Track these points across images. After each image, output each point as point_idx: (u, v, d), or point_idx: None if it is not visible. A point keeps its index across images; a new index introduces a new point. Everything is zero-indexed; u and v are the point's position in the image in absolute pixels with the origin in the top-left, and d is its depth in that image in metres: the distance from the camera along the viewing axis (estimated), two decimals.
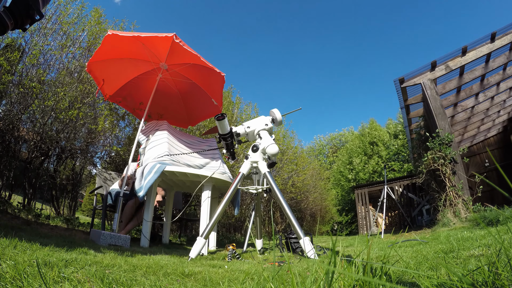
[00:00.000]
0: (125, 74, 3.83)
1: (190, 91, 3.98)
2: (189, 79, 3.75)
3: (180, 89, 4.01)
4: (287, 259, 1.07)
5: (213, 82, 3.61)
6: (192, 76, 3.75)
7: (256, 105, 8.96)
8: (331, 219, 18.05)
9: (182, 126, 4.80)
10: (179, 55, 3.36)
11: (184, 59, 3.43)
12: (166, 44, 3.15)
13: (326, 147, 28.45)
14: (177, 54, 3.33)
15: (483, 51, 5.29)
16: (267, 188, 2.76)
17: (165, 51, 3.33)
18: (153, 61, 3.54)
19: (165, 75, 3.78)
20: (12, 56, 3.90)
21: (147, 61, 3.59)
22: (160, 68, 3.61)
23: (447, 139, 4.86)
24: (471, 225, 3.70)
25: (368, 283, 0.62)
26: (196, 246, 2.18)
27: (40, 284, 0.85)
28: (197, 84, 3.79)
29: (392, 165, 17.31)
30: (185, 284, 1.14)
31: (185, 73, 3.72)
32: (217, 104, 3.76)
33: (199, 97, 3.96)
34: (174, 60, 3.49)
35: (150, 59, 3.51)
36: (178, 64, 3.55)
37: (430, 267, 1.22)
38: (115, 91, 3.92)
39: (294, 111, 2.80)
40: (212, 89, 3.73)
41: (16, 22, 1.33)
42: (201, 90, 3.83)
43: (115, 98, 4.03)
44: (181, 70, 3.64)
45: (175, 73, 3.73)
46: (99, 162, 5.92)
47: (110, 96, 3.94)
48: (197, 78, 3.76)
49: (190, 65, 3.49)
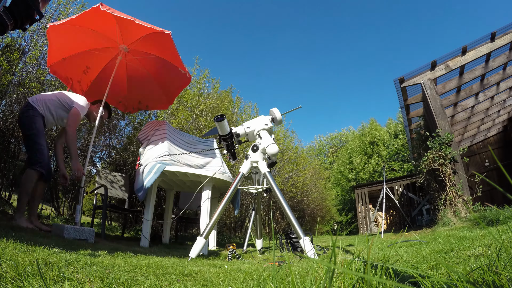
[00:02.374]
0: (91, 68, 3.67)
1: (158, 67, 3.78)
2: (150, 53, 3.55)
3: (149, 69, 3.82)
4: (287, 259, 1.07)
5: (167, 47, 3.30)
6: (152, 49, 3.52)
7: (256, 105, 8.99)
8: (331, 219, 18.06)
9: (162, 108, 4.68)
10: (129, 31, 3.21)
11: (137, 33, 3.26)
12: (106, 19, 3.01)
13: (326, 147, 28.45)
14: (126, 29, 3.19)
15: (483, 50, 5.29)
16: (267, 188, 2.76)
17: (115, 30, 3.19)
18: (111, 45, 3.41)
19: (130, 58, 3.64)
20: (12, 56, 3.90)
21: (107, 48, 3.45)
22: (121, 50, 3.46)
23: (447, 138, 4.86)
24: (471, 225, 3.70)
25: (369, 282, 0.62)
26: (196, 246, 2.18)
27: (40, 284, 0.85)
28: (160, 57, 3.57)
29: (392, 165, 17.32)
30: (185, 284, 1.14)
31: (145, 49, 3.52)
32: (185, 72, 3.48)
33: (168, 71, 3.73)
34: (130, 38, 3.34)
35: (108, 44, 3.39)
36: (135, 42, 3.38)
37: (430, 266, 1.22)
38: (88, 87, 3.77)
39: (294, 109, 2.80)
40: (171, 56, 3.45)
41: (16, 22, 1.33)
42: (166, 62, 3.58)
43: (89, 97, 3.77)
44: (140, 46, 3.46)
45: (137, 52, 3.54)
46: (99, 162, 5.92)
47: (85, 93, 3.75)
48: (155, 49, 3.52)
49: (144, 38, 3.28)
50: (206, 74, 7.27)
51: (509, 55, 5.54)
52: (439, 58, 5.49)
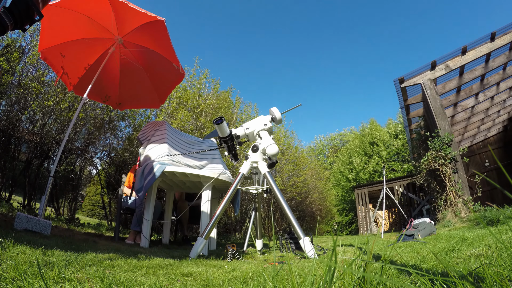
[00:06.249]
0: (85, 58, 3.54)
1: (151, 62, 3.70)
2: (144, 47, 3.47)
3: (143, 63, 3.74)
4: (287, 259, 1.07)
5: (161, 39, 3.19)
6: (146, 42, 3.43)
7: (256, 105, 8.98)
8: (331, 219, 18.05)
9: (154, 107, 4.52)
10: (123, 18, 3.15)
11: (131, 22, 3.18)
12: (101, 3, 2.96)
13: (326, 147, 28.44)
14: (120, 16, 3.13)
15: (483, 50, 5.29)
16: (267, 188, 2.76)
17: (110, 18, 3.12)
18: (106, 36, 3.35)
19: (124, 51, 3.59)
20: (12, 56, 3.90)
21: (102, 38, 3.38)
22: (115, 42, 3.40)
23: (447, 139, 4.86)
24: (472, 225, 3.70)
25: (369, 281, 0.62)
26: (196, 246, 2.17)
27: (40, 284, 0.85)
28: (154, 50, 3.47)
29: (392, 165, 17.32)
30: (186, 284, 1.14)
31: (139, 41, 3.45)
32: (178, 67, 3.38)
33: (161, 66, 3.63)
34: (124, 28, 3.28)
35: (103, 35, 3.33)
36: (130, 33, 3.32)
37: (430, 266, 1.22)
38: (78, 80, 3.59)
39: (294, 107, 2.79)
40: (165, 49, 3.35)
41: (16, 23, 1.33)
42: (160, 57, 3.48)
43: (79, 89, 3.66)
44: (134, 38, 3.39)
45: (131, 44, 3.46)
46: (99, 163, 5.92)
47: (75, 86, 3.61)
48: (149, 42, 3.42)
49: (138, 29, 3.20)
50: (206, 74, 7.27)
51: (509, 55, 5.54)
52: (439, 58, 5.49)
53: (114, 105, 4.15)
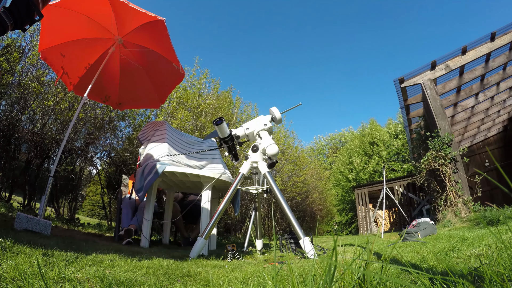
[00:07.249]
0: (85, 59, 3.53)
1: (151, 63, 3.70)
2: (144, 47, 3.47)
3: (143, 63, 3.73)
4: (288, 259, 1.07)
5: (161, 39, 3.18)
6: (146, 42, 3.43)
7: (256, 105, 8.98)
8: (331, 219, 18.05)
9: (154, 107, 4.56)
10: (123, 18, 3.14)
11: (131, 22, 3.17)
12: (101, 4, 2.96)
13: (326, 147, 28.45)
14: (120, 16, 3.12)
15: (483, 50, 5.29)
16: (267, 188, 2.76)
17: (110, 18, 3.12)
18: (107, 36, 3.35)
19: (124, 52, 3.59)
20: (12, 56, 3.90)
21: (102, 39, 3.39)
22: (115, 42, 3.40)
23: (447, 139, 4.86)
24: (472, 225, 3.70)
25: (370, 280, 0.62)
26: (196, 246, 2.17)
27: (40, 284, 0.85)
28: (154, 50, 3.47)
29: (392, 165, 17.32)
30: (186, 284, 1.14)
31: (140, 41, 3.45)
32: (178, 67, 3.38)
33: (161, 66, 3.62)
34: (125, 28, 3.28)
35: (104, 35, 3.34)
36: (130, 33, 3.32)
37: (430, 266, 1.22)
38: (79, 80, 3.58)
39: (294, 107, 2.79)
40: (165, 49, 3.34)
41: (16, 23, 1.33)
42: (160, 57, 3.48)
43: (79, 89, 3.65)
44: (134, 38, 3.39)
45: (132, 44, 3.47)
46: (99, 163, 5.92)
47: (75, 85, 3.61)
48: (149, 42, 3.42)
49: (138, 29, 3.20)
50: (206, 74, 7.27)
51: (509, 55, 5.54)
52: (439, 58, 5.49)
53: (114, 105, 4.14)
